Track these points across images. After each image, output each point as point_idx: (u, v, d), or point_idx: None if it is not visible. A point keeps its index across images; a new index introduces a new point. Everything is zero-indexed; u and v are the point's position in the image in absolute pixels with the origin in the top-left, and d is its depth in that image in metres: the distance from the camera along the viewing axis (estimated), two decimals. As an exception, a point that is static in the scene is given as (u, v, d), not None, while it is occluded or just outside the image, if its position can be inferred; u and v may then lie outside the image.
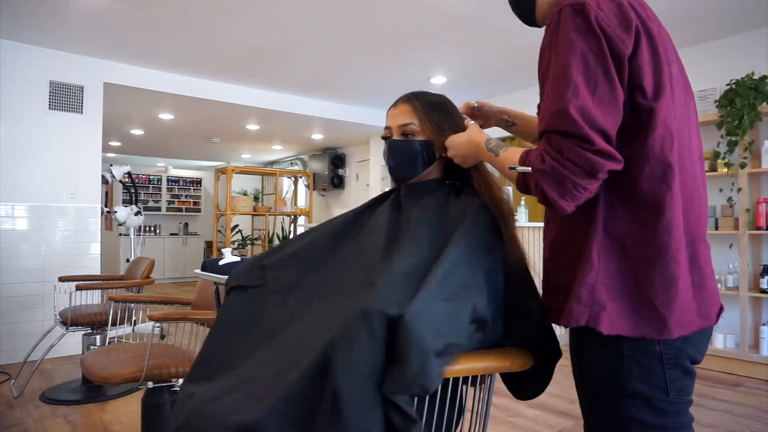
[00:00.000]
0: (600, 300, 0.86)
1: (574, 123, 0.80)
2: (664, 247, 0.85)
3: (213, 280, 2.18)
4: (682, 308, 0.86)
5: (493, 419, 2.57)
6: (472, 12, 3.33)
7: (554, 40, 0.86)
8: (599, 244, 0.88)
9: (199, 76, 4.75)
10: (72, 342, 3.80)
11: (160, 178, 9.60)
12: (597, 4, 0.84)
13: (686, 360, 0.88)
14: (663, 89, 0.86)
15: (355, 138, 7.15)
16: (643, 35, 0.86)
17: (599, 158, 0.80)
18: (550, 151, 0.83)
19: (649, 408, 0.87)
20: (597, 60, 0.82)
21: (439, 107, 1.16)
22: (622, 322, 0.86)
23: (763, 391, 3.09)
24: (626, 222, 0.88)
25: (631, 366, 0.87)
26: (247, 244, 8.58)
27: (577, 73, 0.82)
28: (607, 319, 0.85)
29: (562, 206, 0.84)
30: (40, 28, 3.58)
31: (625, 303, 0.86)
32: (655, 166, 0.86)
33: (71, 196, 4.03)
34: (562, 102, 0.81)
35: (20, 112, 3.82)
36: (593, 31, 0.82)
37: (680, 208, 0.87)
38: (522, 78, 4.78)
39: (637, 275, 0.87)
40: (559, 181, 0.82)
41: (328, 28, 3.60)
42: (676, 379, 0.87)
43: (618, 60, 0.83)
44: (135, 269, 3.49)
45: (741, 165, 3.41)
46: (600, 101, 0.81)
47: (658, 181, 0.86)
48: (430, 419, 0.94)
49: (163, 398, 1.98)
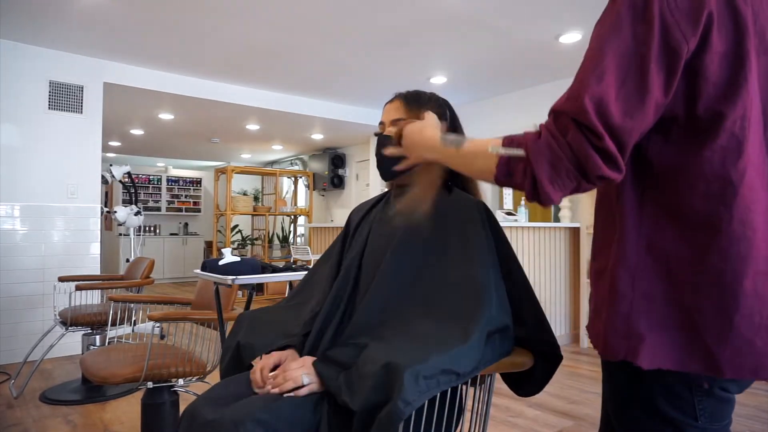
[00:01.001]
0: (638, 332, 0.75)
1: (585, 112, 0.69)
2: (717, 274, 0.72)
3: (213, 280, 2.18)
4: (737, 346, 0.72)
5: (493, 419, 2.57)
6: (472, 12, 3.33)
7: (605, 12, 0.74)
8: (639, 265, 0.76)
9: (199, 76, 4.75)
10: (72, 342, 3.80)
11: (160, 178, 9.60)
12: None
13: (719, 390, 0.77)
14: (739, 89, 0.72)
15: (355, 138, 7.15)
16: (721, 24, 0.71)
17: (599, 158, 0.69)
18: (552, 128, 0.73)
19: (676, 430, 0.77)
20: (639, 51, 0.69)
21: (430, 106, 1.18)
22: (666, 355, 0.74)
23: (763, 391, 3.09)
24: (674, 242, 0.75)
25: (652, 385, 0.77)
26: (247, 244, 8.58)
27: (611, 58, 0.70)
28: (646, 351, 0.74)
29: (548, 192, 0.72)
30: (40, 28, 3.58)
31: (668, 333, 0.74)
32: (713, 183, 0.72)
33: (71, 196, 4.03)
34: (582, 86, 0.71)
35: (20, 112, 3.82)
36: (648, 16, 0.69)
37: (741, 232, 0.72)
38: (522, 78, 4.78)
39: (683, 303, 0.74)
40: (553, 162, 0.71)
41: (328, 28, 3.60)
42: (707, 406, 0.76)
43: (672, 56, 0.69)
44: (135, 269, 3.48)
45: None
46: (624, 99, 0.69)
47: (716, 201, 0.72)
48: (430, 419, 0.94)
49: (163, 398, 1.98)
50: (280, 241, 8.30)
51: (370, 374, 0.88)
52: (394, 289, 1.05)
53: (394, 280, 1.05)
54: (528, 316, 1.03)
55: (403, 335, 0.96)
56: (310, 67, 4.48)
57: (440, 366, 0.85)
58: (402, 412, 0.81)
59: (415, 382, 0.83)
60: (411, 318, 1.00)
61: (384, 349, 0.93)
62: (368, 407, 0.85)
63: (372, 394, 0.86)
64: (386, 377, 0.85)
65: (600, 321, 0.80)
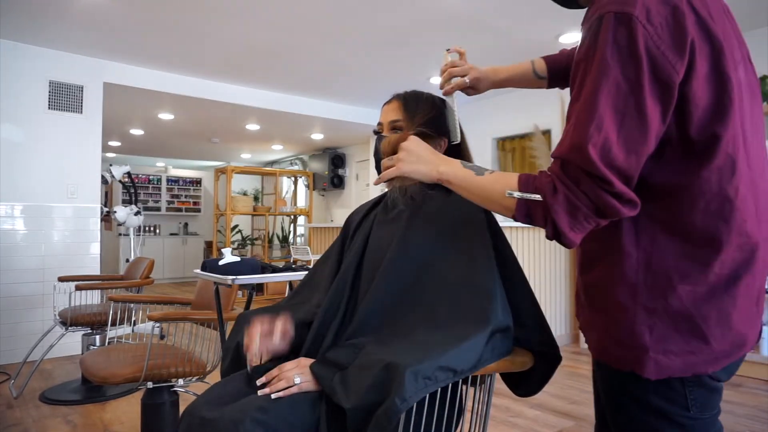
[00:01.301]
0: (641, 343, 0.79)
1: (592, 163, 0.72)
2: (721, 283, 0.77)
3: (213, 280, 2.18)
4: (734, 340, 0.79)
5: (493, 419, 2.57)
6: (472, 12, 3.33)
7: (590, 55, 0.75)
8: (639, 282, 0.80)
9: (199, 76, 4.75)
10: (72, 342, 3.80)
11: (160, 178, 9.59)
12: (647, 14, 0.71)
13: (709, 380, 0.81)
14: (727, 109, 0.75)
15: (355, 138, 7.15)
16: (701, 48, 0.73)
17: (616, 202, 0.73)
18: (564, 179, 0.76)
19: (669, 422, 0.82)
20: (631, 89, 0.72)
21: (427, 107, 1.18)
22: (671, 363, 0.78)
23: (763, 391, 3.09)
24: (675, 258, 0.78)
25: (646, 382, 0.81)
26: (247, 244, 8.58)
27: (605, 102, 0.72)
28: (652, 363, 0.78)
29: (570, 239, 0.77)
30: (40, 28, 3.57)
31: (672, 343, 0.78)
32: (711, 200, 0.76)
33: (71, 196, 4.02)
34: (584, 136, 0.73)
35: (20, 112, 3.82)
36: (635, 53, 0.71)
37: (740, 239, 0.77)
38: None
39: (688, 314, 0.78)
40: (572, 212, 0.75)
41: (328, 28, 3.60)
42: (698, 396, 0.81)
43: (664, 87, 0.72)
44: (135, 269, 3.48)
45: (741, 165, 3.39)
46: (626, 138, 0.73)
47: (715, 217, 0.76)
48: (430, 419, 0.94)
49: (163, 398, 1.98)
50: (280, 241, 8.30)
51: (369, 374, 0.88)
52: (393, 290, 1.04)
53: (394, 281, 1.05)
54: (527, 317, 1.03)
55: (403, 336, 0.96)
56: (310, 67, 4.48)
57: (438, 364, 0.86)
58: (399, 410, 0.81)
59: (415, 381, 0.83)
60: (411, 319, 1.00)
61: (384, 350, 0.93)
62: (363, 406, 0.86)
63: (368, 393, 0.86)
64: (386, 377, 0.85)
65: (597, 331, 0.86)
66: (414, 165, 0.92)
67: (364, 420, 0.85)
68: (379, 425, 0.82)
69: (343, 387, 0.90)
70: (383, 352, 0.92)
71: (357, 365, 0.93)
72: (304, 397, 0.96)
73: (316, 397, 0.96)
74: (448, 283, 1.01)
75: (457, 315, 0.96)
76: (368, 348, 0.96)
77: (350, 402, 0.87)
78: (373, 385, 0.86)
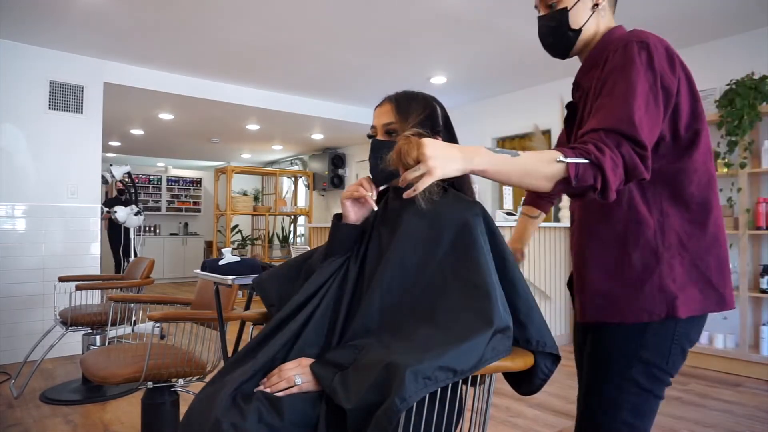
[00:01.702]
0: (672, 292, 1.04)
1: (636, 129, 0.94)
2: (714, 237, 1.07)
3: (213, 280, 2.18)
4: (730, 284, 1.09)
5: (493, 419, 2.57)
6: (472, 12, 3.33)
7: (621, 65, 1.02)
8: (659, 245, 1.05)
9: (199, 76, 4.75)
10: (72, 342, 3.80)
11: (160, 178, 9.60)
12: (655, 46, 1.02)
13: (686, 342, 1.08)
14: (701, 114, 1.06)
15: (355, 138, 7.15)
16: (684, 75, 1.05)
17: (642, 164, 0.94)
18: (608, 142, 0.94)
19: (646, 373, 1.07)
20: (652, 90, 0.99)
21: (419, 107, 1.17)
22: (692, 305, 1.05)
23: (763, 391, 3.09)
24: (680, 221, 1.06)
25: (648, 339, 1.07)
26: (247, 244, 8.58)
27: (641, 94, 0.97)
28: (682, 306, 1.04)
29: (613, 192, 0.93)
30: (40, 28, 3.58)
31: (691, 289, 1.05)
32: (702, 176, 1.07)
33: (71, 196, 4.03)
34: (630, 110, 0.95)
35: (20, 112, 3.82)
36: (653, 67, 1.00)
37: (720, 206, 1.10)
38: (522, 78, 4.78)
39: (695, 263, 1.06)
40: (614, 169, 0.92)
41: (328, 28, 3.60)
42: (674, 355, 1.07)
43: (667, 93, 1.01)
44: (135, 269, 3.49)
45: (741, 165, 3.40)
46: (650, 121, 0.97)
47: (706, 188, 1.07)
48: (430, 419, 0.94)
49: (163, 398, 1.98)
50: (280, 241, 8.30)
51: (369, 374, 0.88)
52: (393, 291, 1.05)
53: (393, 283, 1.05)
54: (526, 316, 1.03)
55: (403, 336, 0.96)
56: (310, 67, 4.48)
57: (438, 363, 0.86)
58: (399, 409, 0.81)
59: (415, 381, 0.83)
60: (411, 319, 1.00)
61: (384, 350, 0.93)
62: (363, 406, 0.86)
63: (368, 393, 0.86)
64: (386, 377, 0.85)
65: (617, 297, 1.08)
66: (447, 166, 0.90)
67: (365, 420, 0.85)
68: (379, 425, 0.82)
69: (344, 387, 0.90)
70: (383, 352, 0.92)
71: (357, 366, 0.93)
72: (305, 396, 0.96)
73: (317, 396, 0.96)
74: (448, 282, 1.01)
75: (457, 315, 0.96)
76: (368, 348, 0.97)
77: (351, 402, 0.87)
78: (373, 385, 0.86)
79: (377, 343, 0.97)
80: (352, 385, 0.89)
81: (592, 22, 1.17)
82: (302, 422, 0.93)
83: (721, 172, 3.55)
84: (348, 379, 0.91)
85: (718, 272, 1.07)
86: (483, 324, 0.92)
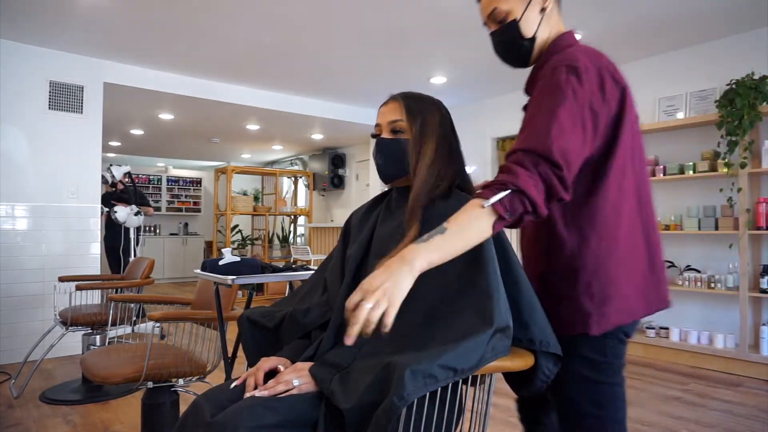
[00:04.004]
0: (586, 310, 1.08)
1: (551, 151, 0.94)
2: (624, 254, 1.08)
3: (213, 280, 2.18)
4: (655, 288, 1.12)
5: (493, 419, 2.57)
6: (473, 12, 3.33)
7: (547, 88, 1.03)
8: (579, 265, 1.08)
9: (199, 76, 4.75)
10: (72, 342, 3.80)
11: (160, 178, 9.60)
12: (585, 68, 1.02)
13: (621, 334, 1.11)
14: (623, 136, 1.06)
15: (355, 138, 7.15)
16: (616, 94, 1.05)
17: (560, 184, 0.95)
18: (525, 164, 0.95)
19: (590, 367, 1.10)
20: (578, 112, 0.99)
21: (425, 107, 1.17)
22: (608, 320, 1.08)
23: (763, 391, 3.09)
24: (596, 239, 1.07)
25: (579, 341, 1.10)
26: (247, 244, 8.58)
27: (565, 117, 0.98)
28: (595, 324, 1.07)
29: (543, 208, 0.95)
30: (40, 28, 3.58)
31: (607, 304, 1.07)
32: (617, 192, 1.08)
33: (71, 196, 4.03)
34: (548, 132, 0.96)
35: (20, 112, 3.82)
36: (580, 90, 1.00)
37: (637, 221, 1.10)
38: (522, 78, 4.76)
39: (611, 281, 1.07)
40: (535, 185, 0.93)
41: (328, 27, 3.60)
42: (612, 346, 1.10)
43: (594, 115, 1.01)
44: (135, 269, 3.49)
45: (741, 165, 3.41)
46: (571, 143, 0.97)
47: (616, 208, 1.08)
48: (430, 419, 0.94)
49: (163, 398, 1.98)
50: (280, 241, 8.30)
51: (368, 374, 0.88)
52: None
53: None
54: (528, 316, 1.03)
55: (404, 336, 0.96)
56: (310, 67, 4.48)
57: (438, 363, 0.86)
58: (397, 407, 0.81)
59: (414, 380, 0.83)
60: (411, 319, 1.00)
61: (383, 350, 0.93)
62: (362, 405, 0.86)
63: (367, 392, 0.86)
64: (385, 376, 0.85)
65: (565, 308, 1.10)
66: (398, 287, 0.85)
67: (364, 420, 0.85)
68: (378, 424, 0.82)
69: (342, 388, 0.90)
70: (383, 352, 0.92)
71: (356, 366, 0.93)
72: (305, 396, 0.96)
73: (316, 397, 0.96)
74: (449, 281, 1.01)
75: (457, 314, 0.96)
76: (367, 348, 0.96)
77: (349, 402, 0.87)
78: (372, 384, 0.86)
79: (377, 342, 0.97)
80: (351, 386, 0.89)
81: (544, 27, 1.20)
82: (302, 422, 0.93)
83: (721, 172, 3.55)
84: (347, 380, 0.91)
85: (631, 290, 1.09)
86: (484, 323, 0.92)
